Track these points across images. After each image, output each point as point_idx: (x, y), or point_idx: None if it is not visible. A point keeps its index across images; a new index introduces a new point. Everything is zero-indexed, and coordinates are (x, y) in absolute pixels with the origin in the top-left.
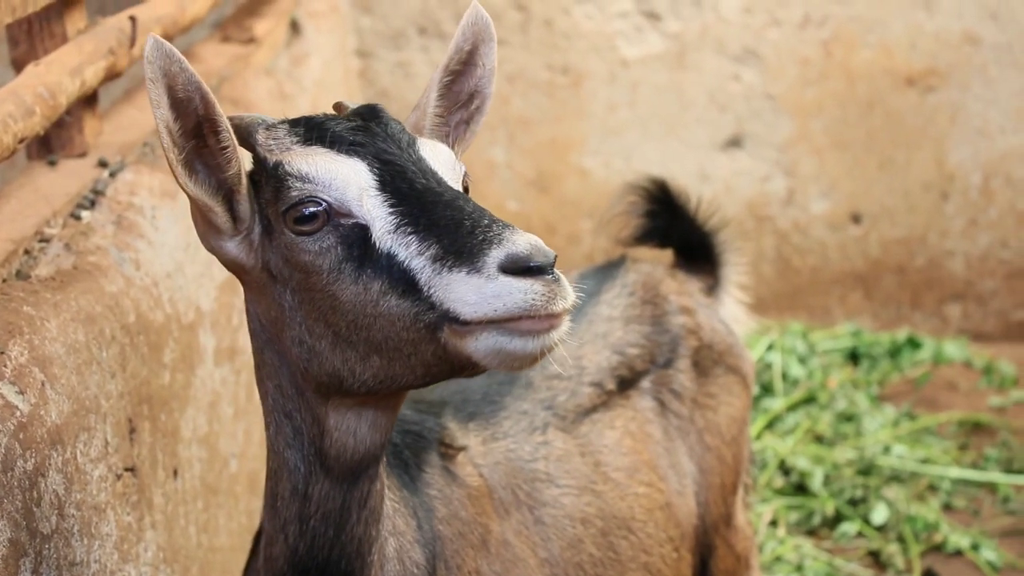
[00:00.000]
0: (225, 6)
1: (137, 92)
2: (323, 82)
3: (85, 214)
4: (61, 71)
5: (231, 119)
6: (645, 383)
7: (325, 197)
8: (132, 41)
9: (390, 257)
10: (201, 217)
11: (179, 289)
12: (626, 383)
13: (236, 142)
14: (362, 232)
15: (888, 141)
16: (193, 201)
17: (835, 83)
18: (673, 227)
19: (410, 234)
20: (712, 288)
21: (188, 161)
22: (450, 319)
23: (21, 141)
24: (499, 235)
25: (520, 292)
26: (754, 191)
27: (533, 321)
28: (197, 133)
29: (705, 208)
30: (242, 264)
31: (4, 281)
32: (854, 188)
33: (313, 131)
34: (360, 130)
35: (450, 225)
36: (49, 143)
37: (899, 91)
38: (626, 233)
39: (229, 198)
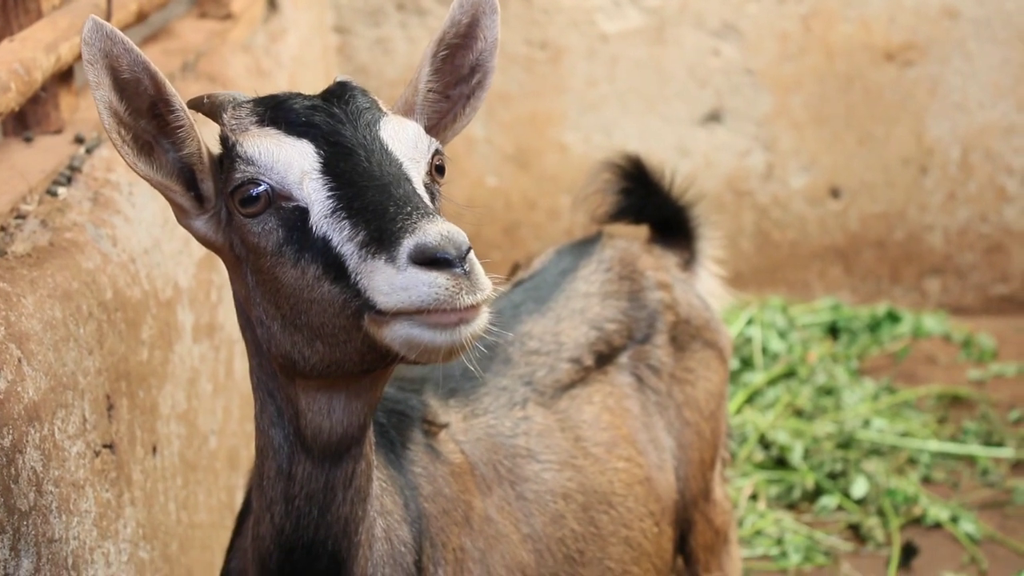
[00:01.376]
0: None
1: None
2: (301, 58)
3: (61, 190)
4: (36, 47)
5: (206, 96)
6: (623, 358)
7: (267, 179)
8: (107, 16)
9: (325, 241)
10: (165, 196)
11: (157, 265)
12: (604, 358)
13: (192, 121)
14: (302, 215)
15: (867, 116)
16: (147, 181)
17: (814, 58)
18: (648, 203)
19: (344, 219)
20: (688, 262)
21: (145, 142)
22: (370, 307)
23: None
24: (414, 224)
25: (425, 284)
26: (734, 166)
27: (441, 315)
28: (155, 113)
29: (680, 183)
30: (212, 242)
31: None
32: (833, 163)
33: (271, 111)
34: (318, 110)
35: (377, 210)
36: (25, 119)
37: (878, 66)
38: (602, 210)
39: (192, 177)
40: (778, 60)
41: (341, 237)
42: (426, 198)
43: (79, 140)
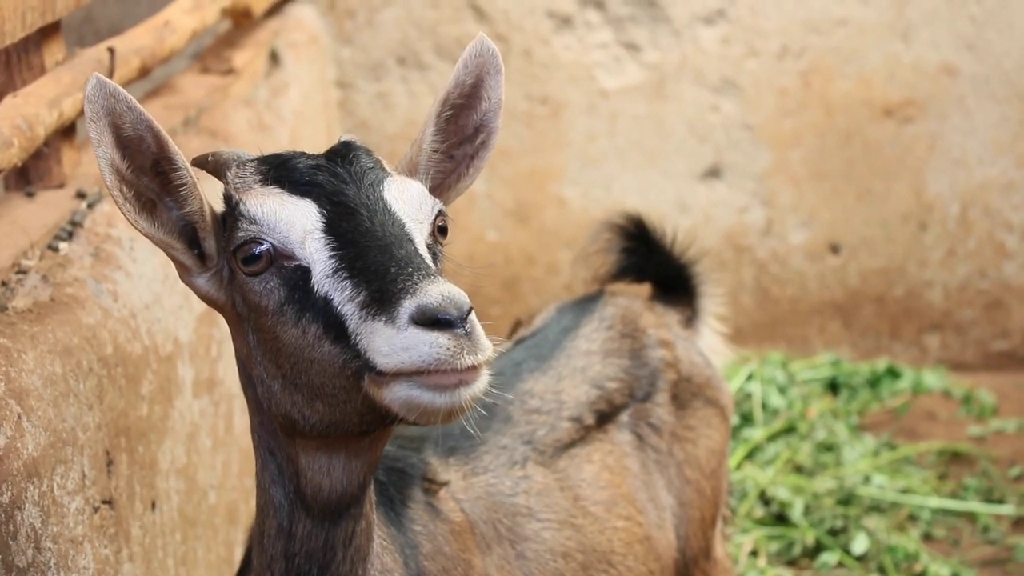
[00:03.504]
0: (204, 37)
1: None
2: (302, 113)
3: (63, 245)
4: (39, 102)
5: (210, 154)
6: (624, 417)
7: (269, 238)
8: (110, 72)
9: (326, 301)
10: (167, 253)
11: (157, 321)
12: (605, 417)
13: (194, 180)
14: (304, 275)
15: (866, 172)
16: (148, 239)
17: (813, 114)
18: (650, 261)
19: (345, 279)
20: (690, 320)
21: (147, 199)
22: (370, 368)
23: None
24: (415, 285)
25: (426, 345)
26: (733, 221)
27: (441, 375)
28: (158, 170)
29: (682, 241)
30: (214, 300)
31: None
32: (833, 218)
33: (274, 170)
34: (321, 169)
35: (379, 271)
36: (27, 174)
37: (877, 122)
38: (604, 270)
39: (194, 235)
40: (777, 116)
41: (342, 297)
42: (428, 259)
43: (81, 195)
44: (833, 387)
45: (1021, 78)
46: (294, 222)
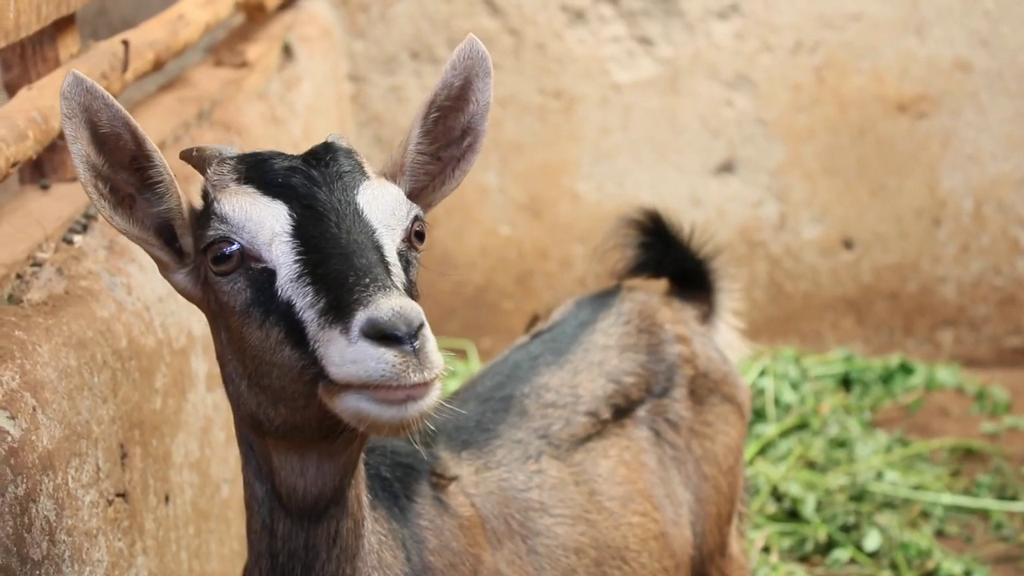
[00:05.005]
0: (218, 30)
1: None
2: (315, 107)
3: (77, 238)
4: (54, 95)
5: (195, 149)
6: (641, 412)
7: (238, 238)
8: (125, 65)
9: (289, 306)
10: (145, 250)
11: (171, 314)
12: (621, 412)
13: (171, 176)
14: (270, 277)
15: (880, 167)
16: (124, 235)
17: (827, 109)
18: (667, 257)
19: (307, 284)
20: (707, 315)
21: (126, 194)
22: (324, 376)
23: (14, 165)
24: (369, 297)
25: (372, 360)
26: (746, 216)
27: (388, 391)
28: (136, 167)
29: (698, 236)
30: (191, 296)
31: None
32: (846, 214)
33: (250, 169)
34: (296, 171)
35: (338, 279)
36: (42, 167)
37: (891, 117)
38: (621, 265)
39: (172, 231)
40: (791, 111)
41: (304, 303)
42: (396, 267)
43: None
44: (846, 383)
45: None
46: (263, 224)
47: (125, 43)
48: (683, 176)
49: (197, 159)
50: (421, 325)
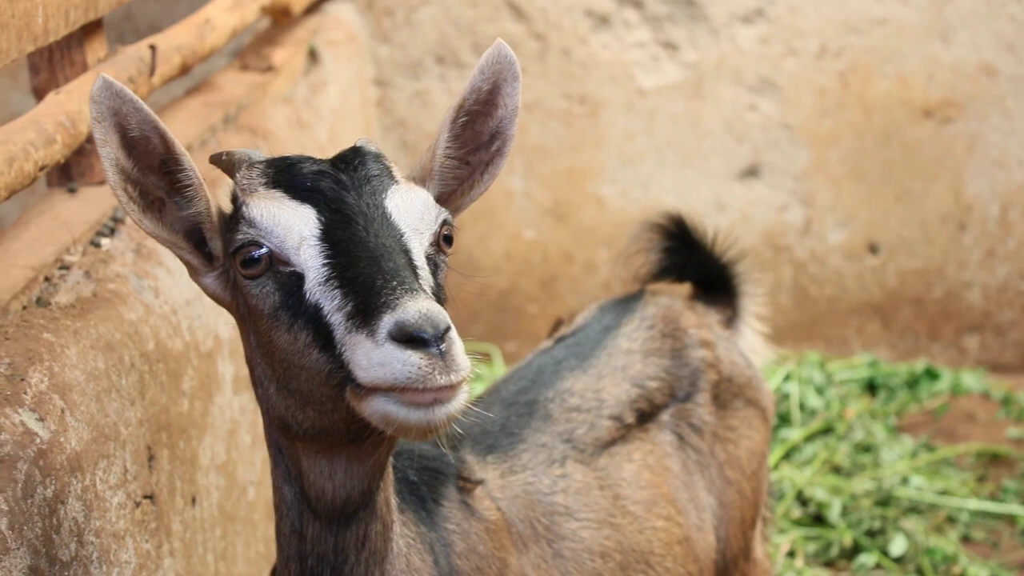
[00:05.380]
0: (244, 35)
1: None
2: (341, 111)
3: (105, 241)
4: (82, 99)
5: (224, 153)
6: (664, 416)
7: (267, 242)
8: (152, 69)
9: (316, 309)
10: (174, 253)
11: (198, 317)
12: (645, 416)
13: (200, 180)
14: (298, 281)
15: (905, 172)
16: (153, 238)
17: (852, 113)
18: (691, 261)
19: (335, 288)
20: (731, 320)
21: (156, 197)
22: (351, 380)
23: (42, 169)
24: (396, 300)
25: (399, 363)
26: (771, 221)
27: (415, 393)
28: (166, 170)
29: (722, 241)
30: (220, 299)
31: (24, 308)
32: (871, 218)
33: (279, 174)
34: (324, 175)
35: (366, 282)
36: (69, 171)
37: (916, 122)
38: (645, 269)
39: (202, 235)
40: (816, 116)
41: (331, 307)
42: (424, 271)
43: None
44: (871, 388)
45: None
46: (291, 228)
47: (152, 47)
48: (707, 181)
49: (226, 163)
50: (448, 328)
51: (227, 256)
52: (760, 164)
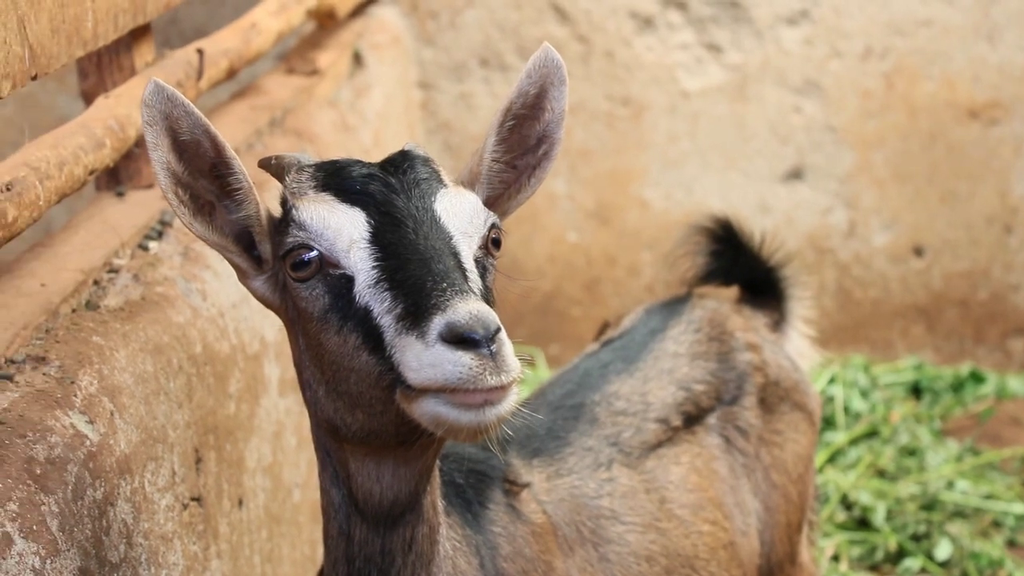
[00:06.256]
0: (289, 38)
1: None
2: (385, 114)
3: (153, 245)
4: (130, 103)
5: (274, 158)
6: (711, 419)
7: (317, 245)
8: (200, 73)
9: (366, 311)
10: (224, 256)
11: (244, 319)
12: (692, 419)
13: (250, 184)
14: (348, 283)
15: (951, 173)
16: (203, 241)
17: (897, 115)
18: (738, 264)
19: (385, 290)
20: (778, 323)
21: (206, 201)
22: (401, 382)
23: (91, 173)
24: (447, 301)
25: (450, 363)
26: (815, 223)
27: (466, 394)
28: (216, 174)
29: (769, 244)
30: (270, 303)
31: (74, 311)
32: (916, 220)
33: (328, 177)
34: (374, 179)
35: (416, 284)
36: (117, 174)
37: (961, 123)
38: (691, 273)
39: (251, 238)
40: (860, 117)
41: (381, 308)
42: (473, 273)
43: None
44: (916, 391)
45: None
46: (341, 230)
47: (200, 52)
48: (751, 183)
49: (276, 167)
50: (498, 329)
51: (276, 259)
52: (804, 166)
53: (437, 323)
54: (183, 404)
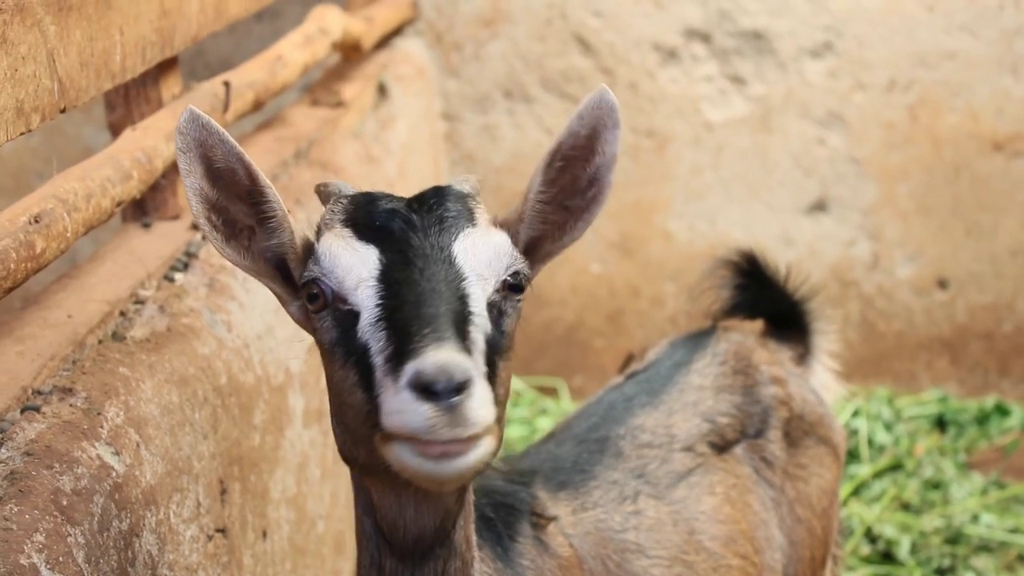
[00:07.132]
0: (314, 71)
1: None
2: (409, 145)
3: (179, 276)
4: (157, 135)
5: (321, 185)
6: (738, 451)
7: (328, 281)
8: (226, 106)
9: (364, 349)
10: (261, 282)
11: (269, 351)
12: (720, 448)
13: (285, 212)
14: (354, 319)
15: (975, 206)
16: (236, 266)
17: (921, 147)
18: (763, 298)
19: (382, 330)
20: (803, 356)
21: (244, 226)
22: (379, 423)
23: (119, 204)
24: (422, 348)
25: (411, 412)
26: (839, 255)
27: (427, 445)
28: (252, 201)
29: (794, 277)
30: (305, 328)
31: (100, 342)
32: (940, 253)
33: (355, 211)
34: (396, 215)
35: (404, 326)
36: (144, 205)
37: (986, 156)
38: (716, 306)
39: (287, 265)
40: (884, 149)
41: (376, 348)
42: (482, 317)
43: (196, 226)
44: (940, 424)
45: None
46: (351, 269)
47: (226, 84)
48: (775, 215)
49: (322, 195)
50: (466, 381)
51: (300, 287)
52: (828, 198)
53: (408, 369)
54: (208, 435)
